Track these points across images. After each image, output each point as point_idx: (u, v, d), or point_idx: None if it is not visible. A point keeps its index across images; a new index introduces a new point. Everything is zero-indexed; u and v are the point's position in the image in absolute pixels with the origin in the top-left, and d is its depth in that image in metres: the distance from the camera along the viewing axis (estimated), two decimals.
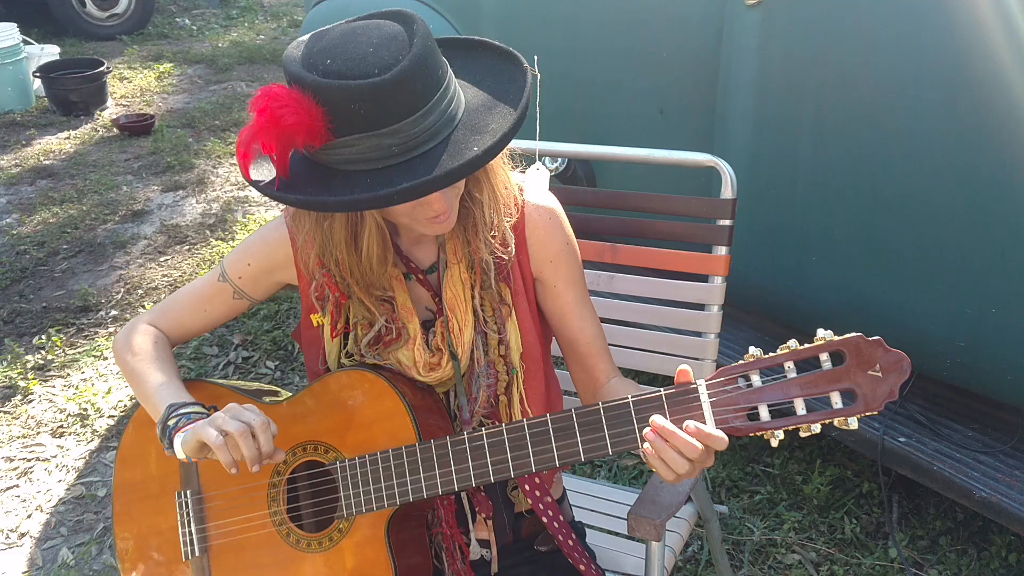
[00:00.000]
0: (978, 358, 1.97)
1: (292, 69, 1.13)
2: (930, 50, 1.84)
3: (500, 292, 1.36)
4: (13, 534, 2.50)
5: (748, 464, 2.55)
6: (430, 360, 1.36)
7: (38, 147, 5.31)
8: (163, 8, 8.56)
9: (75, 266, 3.98)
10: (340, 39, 1.13)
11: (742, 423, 1.11)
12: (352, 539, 1.33)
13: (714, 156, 1.75)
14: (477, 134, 1.16)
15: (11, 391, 3.10)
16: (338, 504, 1.33)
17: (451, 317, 1.35)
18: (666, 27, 2.34)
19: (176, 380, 1.39)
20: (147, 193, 4.67)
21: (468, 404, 1.39)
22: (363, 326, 1.37)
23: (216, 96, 6.23)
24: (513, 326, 1.37)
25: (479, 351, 1.36)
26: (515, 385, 1.39)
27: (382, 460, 1.29)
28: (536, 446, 1.21)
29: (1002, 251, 1.83)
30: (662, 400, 1.14)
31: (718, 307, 1.77)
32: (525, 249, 1.38)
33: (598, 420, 1.17)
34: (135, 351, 1.43)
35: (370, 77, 1.08)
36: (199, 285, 1.49)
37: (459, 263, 1.35)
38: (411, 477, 1.27)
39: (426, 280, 1.38)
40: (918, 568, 2.19)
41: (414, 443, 1.28)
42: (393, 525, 1.32)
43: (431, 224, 1.25)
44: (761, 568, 2.24)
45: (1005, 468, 2.01)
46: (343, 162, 1.14)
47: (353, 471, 1.31)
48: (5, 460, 2.78)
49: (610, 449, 1.17)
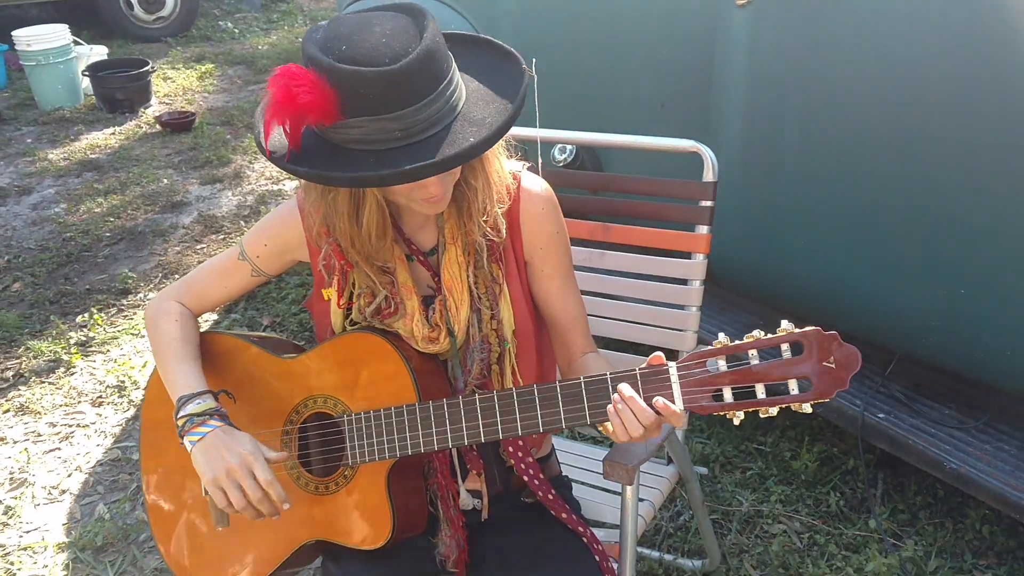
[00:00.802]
0: (950, 338, 2.09)
1: (310, 51, 1.21)
2: (906, 47, 1.97)
3: (492, 272, 1.47)
4: (55, 491, 2.70)
5: (742, 442, 2.68)
6: (429, 334, 1.46)
7: (85, 142, 5.56)
8: (207, 12, 8.83)
9: (117, 252, 4.20)
10: (356, 27, 1.23)
11: (707, 402, 1.23)
12: (356, 484, 1.45)
13: (697, 142, 1.89)
14: (474, 126, 1.25)
15: (56, 364, 3.32)
16: (344, 453, 1.45)
17: (449, 296, 1.46)
18: (665, 26, 2.49)
19: (188, 362, 1.50)
20: (186, 185, 4.89)
21: (462, 375, 1.50)
22: (366, 296, 1.47)
23: (254, 95, 6.45)
24: (506, 303, 1.48)
25: (474, 328, 1.47)
26: (507, 357, 1.50)
27: (385, 416, 1.41)
28: (523, 412, 1.33)
29: (969, 236, 1.95)
30: (636, 377, 1.26)
31: (699, 282, 1.90)
32: (519, 234, 1.49)
33: (579, 393, 1.30)
34: (159, 329, 1.55)
35: (380, 66, 1.18)
36: (220, 262, 1.60)
37: (455, 244, 1.45)
38: (411, 433, 1.39)
39: (427, 261, 1.48)
40: (897, 539, 2.30)
41: (415, 403, 1.40)
42: (393, 474, 1.43)
43: (426, 204, 1.36)
44: (748, 537, 2.36)
45: (976, 443, 2.12)
46: (350, 141, 1.23)
47: (359, 424, 1.43)
48: (49, 425, 2.99)
49: (588, 419, 1.30)
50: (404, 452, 1.40)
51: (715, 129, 2.36)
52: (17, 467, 2.80)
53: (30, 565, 2.41)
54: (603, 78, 2.73)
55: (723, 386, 1.22)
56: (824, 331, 1.19)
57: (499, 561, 1.56)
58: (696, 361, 1.24)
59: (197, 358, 1.52)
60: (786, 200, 2.29)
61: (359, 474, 1.45)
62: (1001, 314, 1.96)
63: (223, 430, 1.40)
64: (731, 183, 2.36)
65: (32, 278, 3.95)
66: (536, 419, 1.34)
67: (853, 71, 2.07)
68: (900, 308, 2.14)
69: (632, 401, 1.24)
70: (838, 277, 2.24)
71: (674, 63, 2.49)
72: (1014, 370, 2.01)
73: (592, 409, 1.31)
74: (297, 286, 3.73)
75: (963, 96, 1.90)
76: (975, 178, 1.92)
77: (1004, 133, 1.84)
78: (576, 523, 1.57)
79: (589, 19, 2.71)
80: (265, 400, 1.52)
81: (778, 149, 2.25)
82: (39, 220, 4.54)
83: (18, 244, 4.28)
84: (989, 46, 1.84)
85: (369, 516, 1.44)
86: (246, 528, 1.51)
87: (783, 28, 2.17)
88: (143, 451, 1.63)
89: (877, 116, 2.05)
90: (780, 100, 2.21)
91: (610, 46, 2.68)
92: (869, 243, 2.14)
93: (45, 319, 3.62)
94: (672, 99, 2.54)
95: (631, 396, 1.25)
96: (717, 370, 1.22)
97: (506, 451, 1.56)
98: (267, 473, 1.38)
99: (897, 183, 2.05)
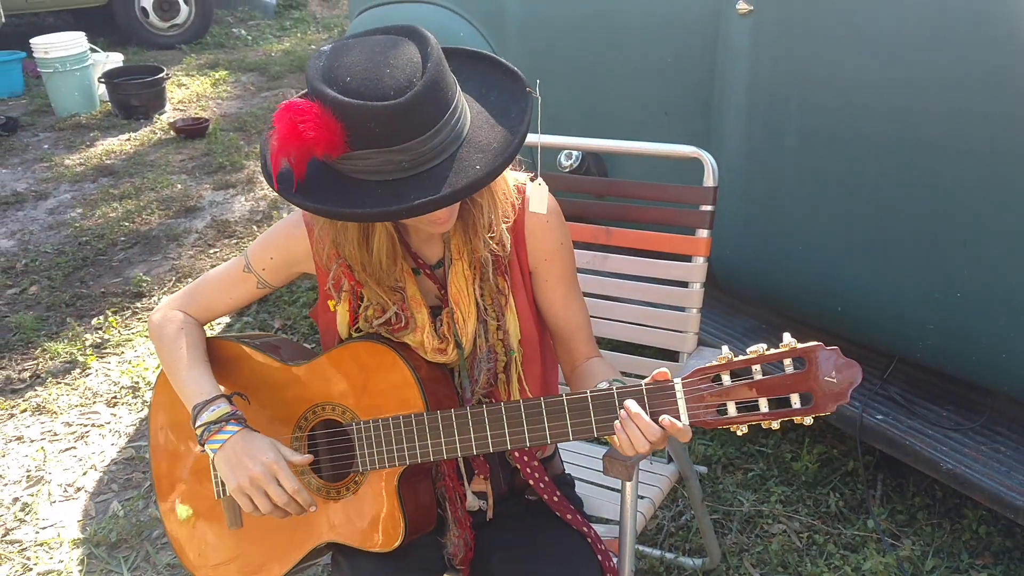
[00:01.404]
0: (947, 340, 2.13)
1: (314, 84, 1.22)
2: (901, 54, 2.02)
3: (498, 285, 1.50)
4: (71, 488, 2.76)
5: (744, 444, 2.72)
6: (438, 346, 1.49)
7: (101, 148, 5.65)
8: (220, 19, 8.93)
9: (131, 256, 4.27)
10: (359, 57, 1.23)
11: (711, 417, 1.27)
12: (368, 489, 1.48)
13: (697, 148, 1.94)
14: (480, 152, 1.26)
15: (71, 365, 3.39)
16: (354, 460, 1.48)
17: (456, 309, 1.48)
18: (668, 35, 2.53)
19: (198, 368, 1.52)
20: (200, 191, 4.97)
21: (470, 384, 1.52)
22: (375, 308, 1.49)
23: (267, 102, 6.53)
24: (511, 314, 1.51)
25: (481, 339, 1.49)
26: (513, 366, 1.53)
27: (394, 425, 1.43)
28: (531, 424, 1.37)
29: (964, 239, 1.99)
30: (643, 393, 1.30)
31: (700, 284, 1.95)
32: (524, 245, 1.52)
33: (585, 406, 1.34)
34: (166, 339, 1.56)
35: (386, 99, 1.18)
36: (225, 273, 1.62)
37: (462, 259, 1.47)
38: (419, 442, 1.42)
39: (433, 275, 1.51)
40: (895, 539, 2.34)
41: (423, 412, 1.42)
42: (403, 479, 1.47)
43: (432, 226, 1.39)
44: (748, 536, 2.40)
45: (972, 444, 2.16)
46: (357, 171, 1.25)
47: (368, 432, 1.45)
48: (65, 425, 3.05)
49: (595, 431, 1.34)
50: (414, 460, 1.43)
51: (717, 136, 2.41)
52: (34, 465, 2.86)
53: (46, 560, 2.47)
54: (608, 86, 2.78)
55: (727, 401, 1.26)
56: (826, 346, 1.22)
57: (504, 558, 1.59)
58: (701, 376, 1.27)
59: (207, 363, 1.54)
60: (787, 206, 2.33)
61: (369, 479, 1.48)
62: (995, 318, 2.00)
63: (241, 436, 1.42)
64: (733, 190, 2.41)
65: (49, 281, 4.03)
66: (544, 431, 1.37)
67: (851, 79, 2.12)
68: (897, 311, 2.18)
69: (638, 418, 1.28)
70: (838, 282, 2.28)
71: (677, 72, 2.55)
72: (1008, 373, 2.04)
73: (599, 423, 1.34)
74: (308, 289, 3.80)
75: (959, 103, 1.94)
76: (971, 184, 1.96)
77: (1000, 139, 1.88)
78: (580, 523, 1.61)
79: (594, 29, 2.76)
80: (273, 406, 1.55)
81: (779, 156, 2.29)
82: (55, 225, 4.62)
83: (35, 248, 4.35)
84: (986, 53, 1.88)
85: (381, 520, 1.47)
86: (260, 530, 1.56)
87: (783, 36, 2.22)
88: (153, 453, 1.67)
89: (875, 123, 2.09)
90: (780, 107, 2.26)
91: (615, 55, 2.73)
92: (868, 248, 2.18)
93: (61, 321, 3.69)
94: (675, 107, 2.59)
95: (637, 413, 1.28)
96: (721, 385, 1.26)
97: (511, 455, 1.60)
98: (292, 481, 1.40)
99: (894, 189, 2.09)
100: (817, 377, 1.22)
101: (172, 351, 1.55)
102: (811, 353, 1.22)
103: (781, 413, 1.24)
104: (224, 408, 1.45)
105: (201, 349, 1.56)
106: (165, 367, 1.57)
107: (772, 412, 1.25)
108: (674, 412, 1.28)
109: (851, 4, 2.08)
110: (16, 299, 3.89)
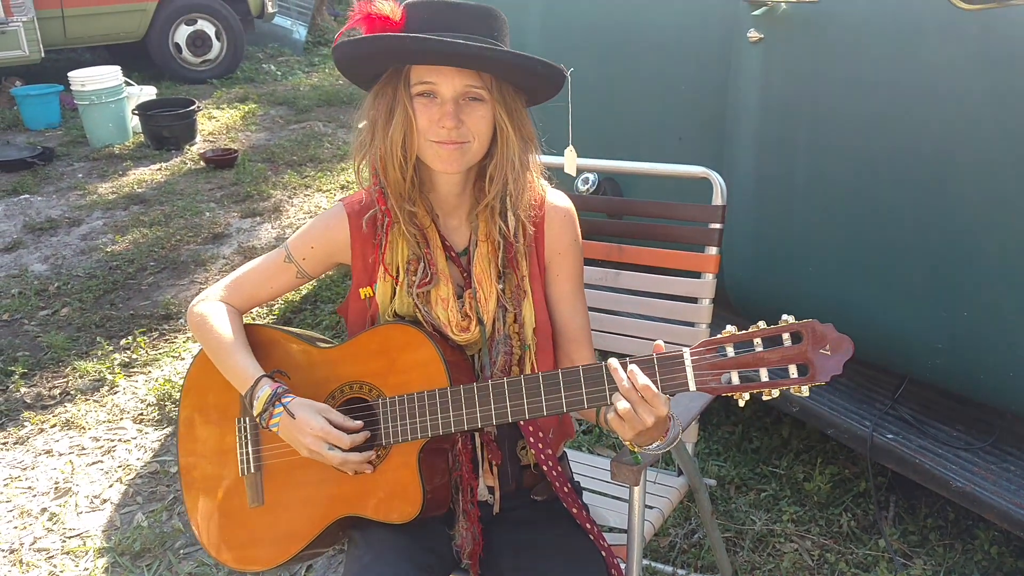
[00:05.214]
0: (955, 359, 2.16)
1: None
2: (910, 80, 2.07)
3: (519, 280, 1.61)
4: (97, 500, 2.83)
5: (758, 464, 2.74)
6: (461, 322, 1.59)
7: (132, 177, 5.80)
8: (251, 55, 9.16)
9: (160, 280, 4.38)
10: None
11: (717, 384, 1.37)
12: (390, 463, 1.55)
13: (706, 168, 2.00)
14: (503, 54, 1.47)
15: (100, 383, 3.47)
16: (378, 434, 1.55)
17: (479, 288, 1.59)
18: (682, 64, 2.61)
19: (241, 353, 1.62)
20: (227, 219, 5.09)
21: (489, 364, 1.62)
22: (412, 262, 1.60)
23: (295, 134, 6.68)
24: (528, 305, 1.62)
25: (500, 322, 1.61)
26: (527, 358, 1.63)
27: (418, 399, 1.52)
28: (548, 393, 1.45)
29: (970, 258, 2.03)
30: (654, 363, 1.39)
31: (709, 300, 2.00)
32: (543, 239, 1.64)
33: (600, 376, 1.43)
34: (212, 327, 1.65)
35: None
36: (266, 264, 1.71)
37: (487, 241, 1.60)
38: (442, 414, 1.50)
39: (458, 259, 1.63)
40: (907, 559, 2.35)
41: (446, 387, 1.51)
42: (423, 455, 1.54)
43: (441, 149, 1.50)
44: (760, 554, 2.42)
45: (982, 463, 2.18)
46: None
47: (393, 407, 1.54)
48: (92, 439, 3.13)
49: (608, 399, 1.42)
50: (436, 432, 1.51)
51: (730, 160, 2.48)
52: (62, 477, 2.94)
53: (72, 568, 2.54)
54: (624, 113, 2.86)
55: (730, 370, 1.36)
56: (820, 323, 1.33)
57: (510, 555, 1.65)
58: (707, 348, 1.37)
59: (249, 349, 1.64)
60: (797, 228, 2.39)
61: (392, 454, 1.56)
62: (1003, 337, 2.03)
63: (287, 415, 1.53)
64: (745, 213, 2.46)
65: (80, 303, 4.14)
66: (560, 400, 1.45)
67: (859, 103, 2.17)
68: (907, 332, 2.22)
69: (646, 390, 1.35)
70: (847, 302, 2.32)
71: (691, 98, 2.62)
72: (1017, 392, 2.07)
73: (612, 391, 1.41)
74: (334, 286, 3.87)
75: (966, 126, 1.99)
76: (979, 205, 2.01)
77: (1008, 161, 1.93)
78: (585, 519, 1.66)
79: (611, 60, 2.85)
80: (303, 387, 1.62)
81: (789, 178, 2.35)
82: (87, 249, 4.74)
83: (67, 272, 4.48)
84: (993, 78, 1.93)
85: (402, 492, 1.54)
86: (280, 507, 1.63)
87: (792, 63, 2.29)
88: (181, 431, 1.73)
89: (883, 146, 2.15)
90: (790, 132, 2.32)
91: (631, 84, 2.81)
92: (876, 269, 2.23)
93: (91, 341, 3.79)
94: (689, 132, 2.66)
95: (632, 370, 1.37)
96: (725, 356, 1.36)
97: (527, 440, 1.65)
98: (338, 454, 1.51)
99: (903, 211, 2.14)
100: (813, 350, 1.32)
101: (218, 338, 1.64)
102: (807, 328, 1.33)
103: (780, 383, 1.34)
104: (267, 391, 1.55)
105: (243, 336, 1.65)
106: (211, 354, 1.66)
107: (772, 381, 1.34)
108: (683, 380, 1.37)
109: (857, 32, 2.15)
110: (48, 320, 4.00)
